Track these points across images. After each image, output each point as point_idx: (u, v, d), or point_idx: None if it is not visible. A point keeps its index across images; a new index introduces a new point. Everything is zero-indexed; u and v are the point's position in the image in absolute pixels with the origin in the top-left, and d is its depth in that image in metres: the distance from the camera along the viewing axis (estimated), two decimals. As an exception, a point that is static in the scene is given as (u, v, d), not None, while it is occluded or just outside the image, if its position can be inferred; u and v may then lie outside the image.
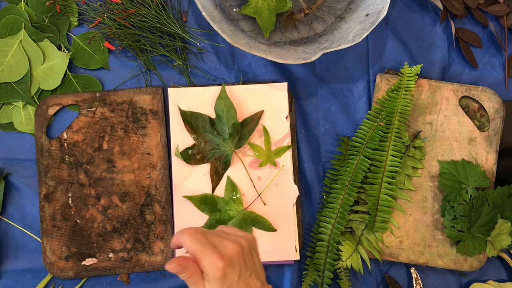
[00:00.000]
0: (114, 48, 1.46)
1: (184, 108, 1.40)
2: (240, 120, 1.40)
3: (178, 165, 1.40)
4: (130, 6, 1.43)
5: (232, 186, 1.39)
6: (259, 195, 1.39)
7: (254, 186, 1.39)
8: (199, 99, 1.41)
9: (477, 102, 1.45)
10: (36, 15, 1.46)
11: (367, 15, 1.41)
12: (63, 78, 1.44)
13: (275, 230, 1.38)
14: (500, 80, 1.52)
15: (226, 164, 1.39)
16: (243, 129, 1.40)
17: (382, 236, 1.41)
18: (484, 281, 1.43)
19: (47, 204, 1.39)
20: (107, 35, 1.46)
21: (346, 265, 1.36)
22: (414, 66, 1.44)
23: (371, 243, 1.40)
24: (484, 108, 1.45)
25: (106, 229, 1.39)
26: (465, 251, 1.39)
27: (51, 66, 1.43)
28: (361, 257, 1.39)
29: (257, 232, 1.38)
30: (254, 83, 1.45)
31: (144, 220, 1.40)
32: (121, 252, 1.39)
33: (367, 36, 1.36)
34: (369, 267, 1.42)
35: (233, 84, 1.45)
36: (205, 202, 1.38)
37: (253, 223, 1.38)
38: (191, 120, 1.40)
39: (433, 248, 1.42)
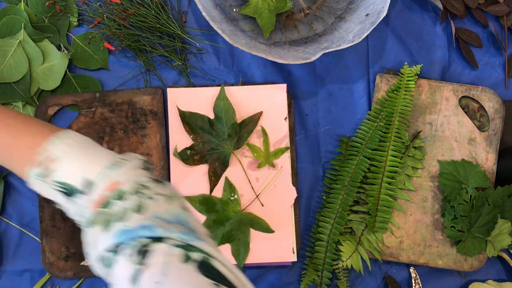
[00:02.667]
0: (113, 49, 1.46)
1: (183, 109, 1.40)
2: (239, 121, 1.40)
3: (176, 165, 1.40)
4: (130, 6, 1.44)
5: (230, 187, 1.39)
6: (257, 196, 1.39)
7: (252, 187, 1.40)
8: (198, 99, 1.42)
9: (477, 102, 1.45)
10: (36, 15, 1.46)
11: (367, 15, 1.41)
12: (62, 79, 1.44)
13: (272, 231, 1.38)
14: (500, 80, 1.52)
15: (225, 165, 1.39)
16: (242, 130, 1.40)
17: (382, 236, 1.41)
18: (484, 281, 1.43)
19: (47, 204, 1.39)
20: (107, 35, 1.46)
21: (346, 265, 1.36)
22: (414, 66, 1.44)
23: (371, 243, 1.40)
24: (484, 108, 1.45)
25: (105, 230, 1.39)
26: (465, 251, 1.39)
27: (51, 66, 1.43)
28: (361, 257, 1.39)
29: (255, 233, 1.38)
30: (253, 84, 1.45)
31: None
32: (120, 252, 1.39)
33: (367, 36, 1.35)
34: (369, 267, 1.42)
35: (232, 84, 1.45)
36: (203, 203, 1.38)
37: (251, 224, 1.38)
38: (190, 120, 1.40)
39: (433, 248, 1.42)
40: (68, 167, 0.93)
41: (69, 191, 0.92)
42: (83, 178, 0.91)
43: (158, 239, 0.83)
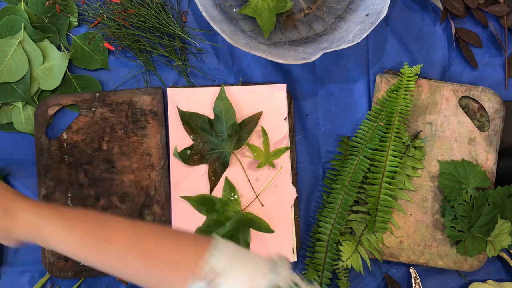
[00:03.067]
0: (113, 49, 1.46)
1: (183, 109, 1.40)
2: (239, 121, 1.40)
3: (176, 165, 1.40)
4: (130, 6, 1.44)
5: (230, 187, 1.39)
6: (257, 196, 1.39)
7: (252, 187, 1.40)
8: (198, 99, 1.42)
9: (477, 102, 1.45)
10: (36, 15, 1.46)
11: (367, 15, 1.41)
12: (62, 78, 1.44)
13: (272, 231, 1.38)
14: (500, 80, 1.52)
15: (225, 165, 1.39)
16: (242, 130, 1.40)
17: (382, 236, 1.41)
18: (484, 281, 1.43)
19: (47, 204, 1.39)
20: (107, 35, 1.46)
21: (346, 265, 1.36)
22: (414, 66, 1.44)
23: (371, 243, 1.40)
24: (484, 108, 1.45)
25: (105, 230, 1.39)
26: (465, 251, 1.39)
27: (51, 66, 1.44)
28: (361, 257, 1.39)
29: (255, 233, 1.38)
30: (253, 84, 1.45)
31: (144, 221, 1.39)
32: (120, 252, 1.39)
33: (367, 36, 1.36)
34: (369, 267, 1.42)
35: (232, 84, 1.45)
36: (203, 203, 1.38)
37: (251, 224, 1.38)
38: (189, 120, 1.40)
39: (433, 248, 1.42)
40: (233, 281, 0.91)
41: None
42: None
43: None
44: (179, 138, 1.40)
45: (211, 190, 1.39)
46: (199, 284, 0.91)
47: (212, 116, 1.40)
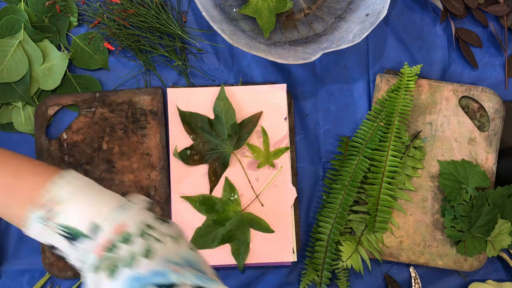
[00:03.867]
0: (113, 49, 1.46)
1: (183, 109, 1.40)
2: (239, 121, 1.40)
3: (176, 165, 1.40)
4: (130, 6, 1.43)
5: (230, 187, 1.39)
6: (257, 196, 1.39)
7: (252, 187, 1.39)
8: (198, 99, 1.41)
9: (477, 102, 1.45)
10: (36, 15, 1.46)
11: (367, 15, 1.41)
12: (62, 78, 1.44)
13: (272, 231, 1.38)
14: (500, 80, 1.52)
15: (225, 165, 1.39)
16: (242, 130, 1.40)
17: (382, 236, 1.41)
18: (484, 281, 1.43)
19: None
20: (107, 35, 1.46)
21: (346, 265, 1.36)
22: (414, 66, 1.44)
23: (371, 243, 1.40)
24: (484, 108, 1.45)
25: (105, 230, 1.39)
26: (465, 251, 1.39)
27: (51, 66, 1.43)
28: (361, 257, 1.39)
29: (255, 233, 1.38)
30: (253, 84, 1.45)
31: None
32: (120, 252, 1.39)
33: (367, 36, 1.35)
34: (369, 267, 1.41)
35: (232, 84, 1.45)
36: (203, 203, 1.38)
37: (251, 224, 1.38)
38: (189, 120, 1.40)
39: (433, 248, 1.41)
40: (73, 210, 0.89)
41: (73, 235, 0.88)
42: (89, 222, 0.87)
43: (171, 285, 0.78)
44: (179, 138, 1.40)
45: (211, 190, 1.39)
46: (38, 212, 0.89)
47: (212, 116, 1.40)
